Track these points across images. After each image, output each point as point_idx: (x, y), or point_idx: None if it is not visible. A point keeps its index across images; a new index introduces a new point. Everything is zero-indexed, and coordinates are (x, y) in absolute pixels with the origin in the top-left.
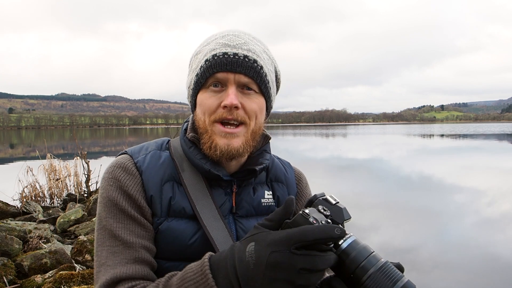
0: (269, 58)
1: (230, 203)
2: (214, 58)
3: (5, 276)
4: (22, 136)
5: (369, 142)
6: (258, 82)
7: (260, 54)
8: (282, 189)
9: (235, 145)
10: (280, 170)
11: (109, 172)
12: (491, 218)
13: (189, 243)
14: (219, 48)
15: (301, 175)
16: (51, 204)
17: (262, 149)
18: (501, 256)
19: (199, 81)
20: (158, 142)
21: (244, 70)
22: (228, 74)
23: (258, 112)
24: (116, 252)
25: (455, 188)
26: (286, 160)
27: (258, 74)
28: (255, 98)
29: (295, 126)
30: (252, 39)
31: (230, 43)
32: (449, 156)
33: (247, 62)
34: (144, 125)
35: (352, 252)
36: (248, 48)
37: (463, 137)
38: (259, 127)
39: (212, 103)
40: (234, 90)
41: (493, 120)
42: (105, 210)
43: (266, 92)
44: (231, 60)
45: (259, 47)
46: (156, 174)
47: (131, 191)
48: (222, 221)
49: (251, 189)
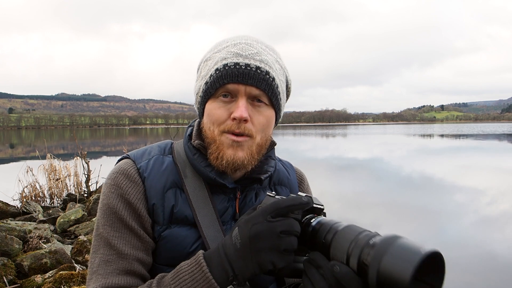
0: (281, 68)
1: (233, 209)
2: (225, 68)
3: (5, 276)
4: (22, 136)
5: (369, 142)
6: (269, 95)
7: (273, 65)
8: (285, 192)
9: (240, 156)
10: (283, 173)
11: (111, 178)
12: (490, 217)
13: (190, 250)
14: (231, 58)
15: (302, 176)
16: (51, 204)
17: (267, 155)
18: (499, 255)
19: (209, 90)
20: (161, 146)
21: (256, 83)
22: (239, 86)
23: (266, 126)
24: (109, 261)
25: (454, 188)
26: (288, 160)
27: (270, 86)
28: (264, 111)
29: (295, 126)
30: (265, 48)
31: (242, 53)
32: (448, 156)
33: (259, 74)
34: (144, 125)
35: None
36: (260, 58)
37: (463, 137)
38: (265, 140)
39: (221, 114)
40: (245, 102)
41: (493, 120)
42: (104, 217)
43: (276, 104)
44: (243, 71)
45: (271, 57)
46: (159, 181)
47: (132, 199)
48: (222, 232)
49: (253, 194)
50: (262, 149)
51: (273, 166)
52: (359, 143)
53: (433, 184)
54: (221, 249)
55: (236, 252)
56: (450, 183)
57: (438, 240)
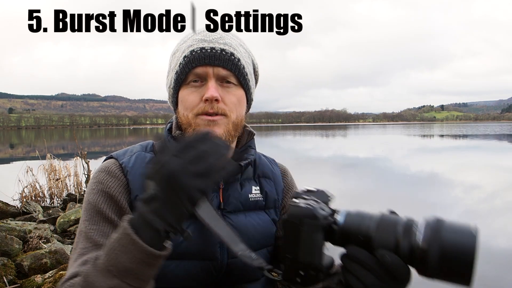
0: (246, 51)
1: (218, 199)
2: (192, 54)
3: (5, 276)
4: (22, 136)
5: (370, 142)
6: (236, 74)
7: (237, 48)
8: (269, 184)
9: (217, 133)
10: (267, 166)
11: (93, 177)
12: (483, 211)
13: (179, 241)
14: (196, 44)
15: (285, 170)
16: (51, 204)
17: (247, 145)
18: (494, 245)
19: (179, 78)
20: (143, 145)
21: (222, 63)
22: (207, 68)
23: (238, 105)
24: (84, 253)
25: (453, 183)
26: (292, 159)
27: (236, 66)
28: (234, 91)
29: (295, 127)
30: (227, 34)
31: (206, 38)
32: (448, 155)
33: (224, 55)
34: (144, 125)
35: (351, 221)
36: (224, 42)
37: (463, 137)
38: (240, 119)
39: (193, 99)
40: (214, 83)
41: (493, 120)
42: (84, 213)
43: (245, 84)
44: (209, 54)
45: (235, 41)
46: (142, 173)
47: (113, 192)
48: (223, 220)
49: (238, 184)
50: (238, 128)
51: (253, 154)
52: (360, 143)
53: (433, 180)
54: (144, 208)
55: (161, 200)
56: (448, 180)
57: None
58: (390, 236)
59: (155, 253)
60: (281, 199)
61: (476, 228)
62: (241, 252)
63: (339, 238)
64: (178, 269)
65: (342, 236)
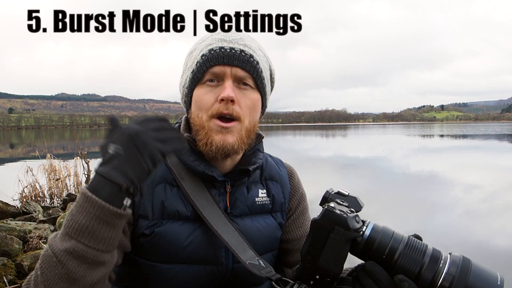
0: (264, 56)
1: (224, 203)
2: (210, 52)
3: (5, 276)
4: (22, 136)
5: (370, 142)
6: (254, 77)
7: (256, 50)
8: (276, 187)
9: (229, 141)
10: (274, 169)
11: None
12: (483, 211)
13: (184, 245)
14: (216, 43)
15: (292, 171)
16: (51, 204)
17: (256, 148)
18: (494, 245)
19: (196, 77)
20: None
21: (241, 64)
22: (225, 68)
23: (253, 109)
24: None
25: (453, 183)
26: (293, 159)
27: (255, 68)
28: (250, 94)
29: (295, 127)
30: (248, 36)
31: (227, 38)
32: (448, 155)
33: (243, 56)
34: None
35: (377, 236)
36: (244, 43)
37: (463, 137)
38: (253, 125)
39: (208, 99)
40: (231, 83)
41: (493, 120)
42: None
43: (262, 87)
44: (228, 53)
45: (254, 44)
46: None
47: None
48: (231, 225)
49: (244, 188)
50: (251, 134)
51: (261, 158)
52: (361, 143)
53: (433, 180)
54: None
55: (122, 157)
56: (447, 179)
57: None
58: (415, 264)
59: (111, 209)
60: (287, 202)
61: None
62: (249, 261)
63: (361, 250)
64: (182, 273)
65: (365, 249)
